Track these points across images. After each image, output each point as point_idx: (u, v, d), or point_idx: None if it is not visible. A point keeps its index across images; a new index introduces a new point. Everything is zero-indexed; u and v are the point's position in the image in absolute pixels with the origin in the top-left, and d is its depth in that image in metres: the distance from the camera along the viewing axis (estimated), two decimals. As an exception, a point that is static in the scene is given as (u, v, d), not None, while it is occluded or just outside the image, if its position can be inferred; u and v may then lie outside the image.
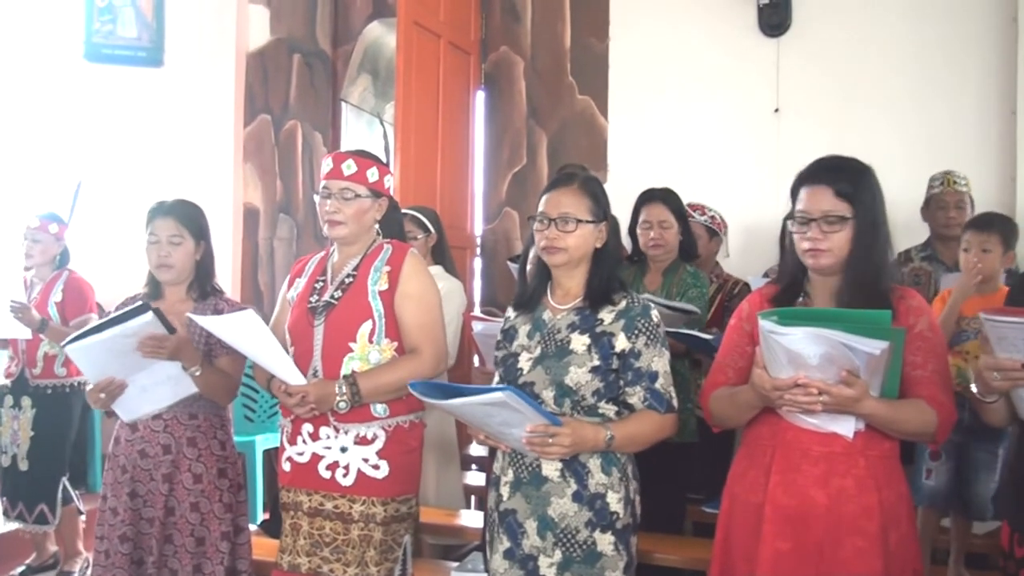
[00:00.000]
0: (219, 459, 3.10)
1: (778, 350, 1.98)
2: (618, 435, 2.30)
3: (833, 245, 2.17)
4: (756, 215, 5.07)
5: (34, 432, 4.36)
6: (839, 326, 1.91)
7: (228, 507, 3.08)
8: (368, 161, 2.74)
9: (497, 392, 2.07)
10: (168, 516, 3.03)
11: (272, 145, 6.33)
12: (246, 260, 6.29)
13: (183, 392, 2.97)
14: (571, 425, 2.23)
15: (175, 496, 3.04)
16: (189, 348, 2.91)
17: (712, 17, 5.47)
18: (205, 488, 3.05)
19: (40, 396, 4.39)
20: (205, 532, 3.04)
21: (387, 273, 2.69)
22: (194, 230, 3.11)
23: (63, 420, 4.43)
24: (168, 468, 3.03)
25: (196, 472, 3.04)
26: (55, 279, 4.48)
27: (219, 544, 3.04)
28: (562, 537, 2.33)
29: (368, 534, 2.62)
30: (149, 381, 2.95)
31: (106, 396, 2.95)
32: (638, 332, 2.36)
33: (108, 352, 2.88)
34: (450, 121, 5.62)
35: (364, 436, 2.64)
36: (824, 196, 2.18)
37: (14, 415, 4.40)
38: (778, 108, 5.30)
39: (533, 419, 2.17)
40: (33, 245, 4.46)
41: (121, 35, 6.38)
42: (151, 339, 2.82)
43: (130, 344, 2.84)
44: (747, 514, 2.25)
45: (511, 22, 6.02)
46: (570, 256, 2.41)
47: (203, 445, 3.07)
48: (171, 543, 3.04)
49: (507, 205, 6.01)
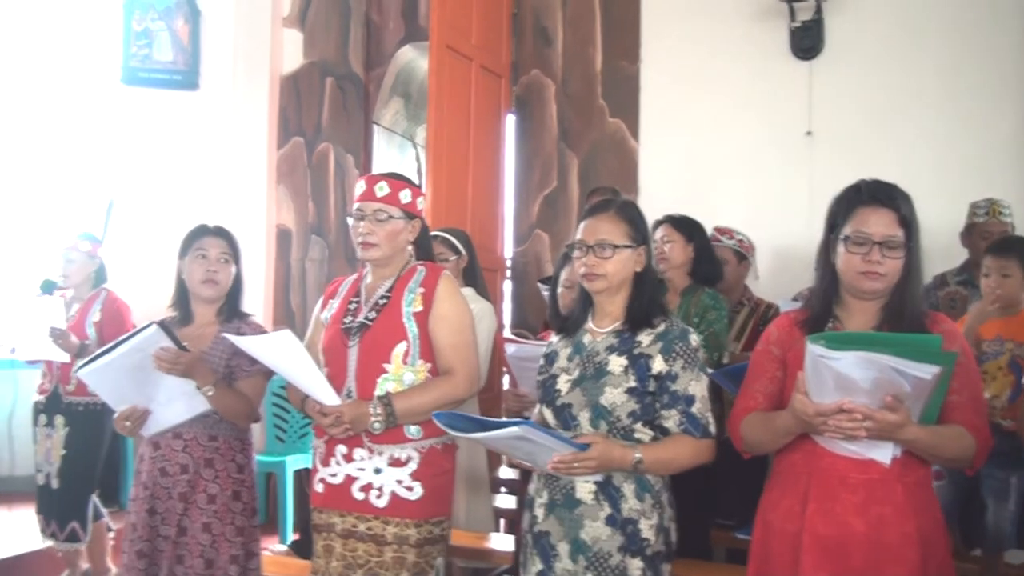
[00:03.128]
0: (235, 481, 3.11)
1: (827, 374, 1.95)
2: (647, 458, 2.28)
3: (888, 270, 2.15)
4: (786, 238, 5.03)
5: (65, 450, 4.39)
6: (889, 350, 1.88)
7: (240, 531, 3.09)
8: (401, 183, 2.76)
9: (513, 427, 2.08)
10: (180, 535, 3.05)
11: (305, 167, 6.39)
12: (279, 281, 6.34)
13: (197, 408, 2.99)
14: (599, 446, 2.22)
15: (189, 516, 3.05)
16: (203, 367, 2.94)
17: (743, 40, 5.47)
18: (218, 509, 3.06)
19: (73, 414, 4.41)
20: (214, 554, 3.05)
21: (421, 295, 2.69)
22: (235, 254, 3.19)
23: (95, 438, 4.44)
24: (184, 488, 3.05)
25: (211, 493, 3.06)
26: (92, 299, 4.52)
27: (228, 568, 3.05)
28: (594, 561, 2.31)
29: (402, 556, 2.62)
30: (164, 397, 2.98)
31: (131, 424, 2.99)
32: (676, 355, 2.35)
33: (119, 371, 2.91)
34: (481, 144, 5.65)
35: (398, 458, 2.64)
36: (887, 220, 2.16)
37: (47, 433, 4.42)
38: (810, 131, 5.28)
39: (556, 448, 2.16)
40: (68, 264, 4.51)
41: (157, 59, 6.48)
42: (167, 352, 2.85)
43: (140, 360, 2.87)
44: (783, 542, 2.22)
45: (542, 46, 6.04)
46: (609, 282, 2.41)
47: (220, 467, 3.09)
48: (181, 563, 3.05)
49: (538, 227, 6.02)
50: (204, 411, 2.99)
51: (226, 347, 2.94)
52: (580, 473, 2.25)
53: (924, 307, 2.23)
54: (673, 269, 3.81)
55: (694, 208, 4.04)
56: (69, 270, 4.52)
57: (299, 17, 6.48)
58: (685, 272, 3.83)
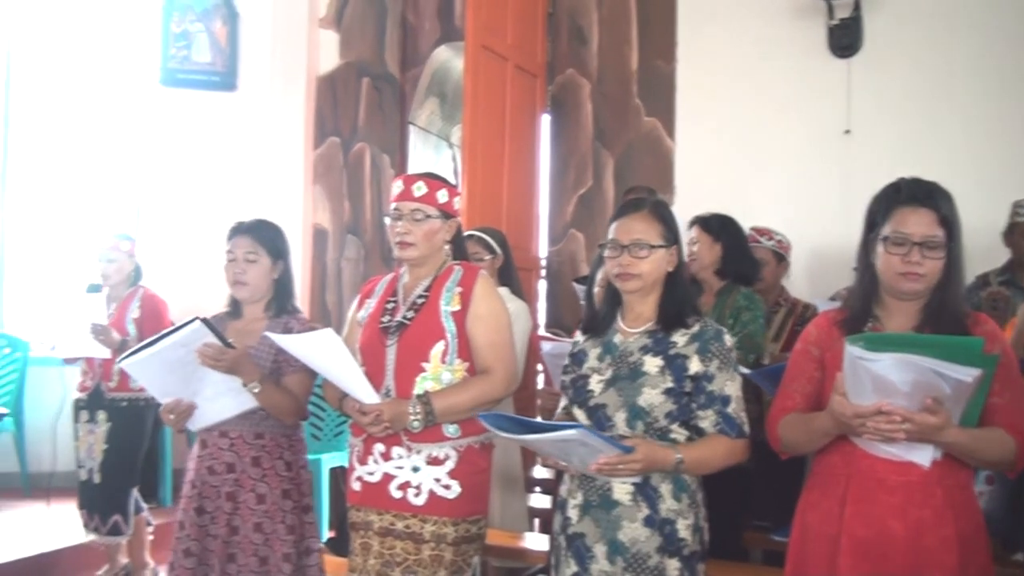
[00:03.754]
0: (283, 480, 3.09)
1: (864, 376, 1.93)
2: (688, 458, 2.28)
3: (928, 270, 2.13)
4: (824, 238, 4.99)
5: (107, 445, 4.43)
6: (929, 352, 1.86)
7: (291, 529, 3.07)
8: (438, 183, 2.77)
9: (571, 430, 2.08)
10: (231, 535, 3.05)
11: (341, 167, 6.43)
12: (315, 280, 6.39)
13: (244, 405, 2.98)
14: (642, 447, 2.22)
15: (239, 515, 3.05)
16: (248, 364, 2.93)
17: (781, 38, 5.43)
18: (268, 509, 3.05)
19: (115, 410, 4.45)
20: (268, 552, 3.04)
21: (459, 294, 2.70)
22: (271, 249, 3.15)
23: (136, 433, 4.49)
24: (231, 487, 3.06)
25: (260, 492, 3.05)
26: (130, 296, 4.57)
27: (281, 565, 3.04)
28: (632, 562, 2.30)
29: (439, 554, 2.63)
30: (210, 392, 2.98)
31: (175, 417, 3.00)
32: (712, 355, 2.35)
33: (163, 365, 2.92)
34: (516, 143, 5.65)
35: (436, 456, 2.65)
36: (927, 220, 2.13)
37: (90, 429, 4.47)
38: (849, 130, 5.23)
39: (604, 451, 2.16)
40: (108, 264, 4.56)
41: (196, 60, 6.57)
42: (211, 347, 2.86)
43: (185, 355, 2.88)
44: (821, 544, 2.20)
45: (578, 45, 6.04)
46: (644, 282, 2.41)
47: (267, 465, 3.08)
48: (234, 562, 3.05)
49: (573, 227, 6.01)
50: (251, 408, 2.99)
51: (273, 343, 2.95)
52: (624, 474, 2.25)
53: (965, 308, 2.20)
54: (703, 269, 3.78)
55: (730, 208, 4.01)
56: (109, 269, 4.57)
57: (335, 18, 6.52)
58: (714, 271, 3.80)
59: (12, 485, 5.83)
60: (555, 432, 2.11)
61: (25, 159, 6.65)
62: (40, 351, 6.34)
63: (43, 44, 6.71)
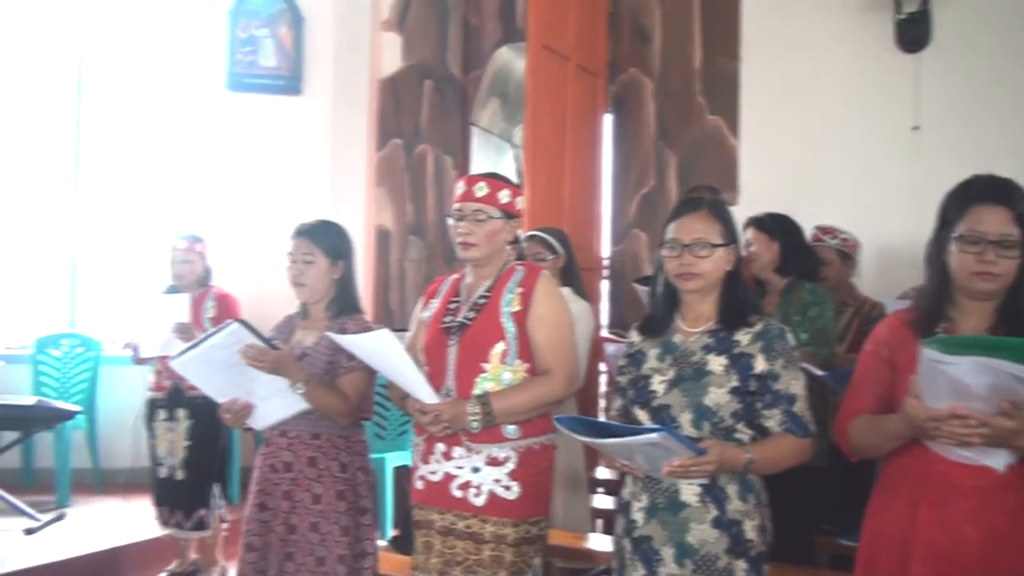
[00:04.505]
0: (338, 481, 3.10)
1: (940, 379, 1.89)
2: (757, 458, 2.26)
3: (1004, 270, 2.07)
4: (892, 236, 4.90)
5: (189, 442, 4.51)
6: (1007, 355, 1.81)
7: (346, 530, 3.07)
8: (500, 183, 2.77)
9: (653, 435, 2.06)
10: (289, 533, 3.08)
11: (403, 169, 6.48)
12: (378, 281, 6.44)
13: (297, 405, 3.00)
14: (715, 449, 2.19)
15: (296, 514, 3.08)
16: (291, 364, 2.95)
17: (847, 33, 5.34)
18: (323, 509, 3.07)
19: (195, 407, 4.49)
20: (325, 552, 3.06)
21: (520, 295, 2.70)
22: (328, 250, 3.16)
23: (217, 429, 4.51)
24: (288, 486, 3.09)
25: (315, 492, 3.07)
26: (203, 296, 4.65)
27: (336, 567, 3.05)
28: (702, 564, 2.28)
29: (499, 555, 2.63)
30: (263, 392, 3.02)
31: (232, 416, 3.04)
32: (776, 354, 2.32)
33: (209, 365, 2.96)
34: (578, 143, 5.64)
35: (496, 457, 2.66)
36: (1002, 218, 2.07)
37: (169, 427, 4.55)
38: (917, 126, 5.13)
39: (681, 453, 2.14)
40: (183, 266, 4.64)
41: (262, 65, 6.67)
42: (252, 348, 2.89)
43: (228, 356, 2.91)
44: (891, 549, 2.16)
45: (640, 44, 6.01)
46: (705, 281, 2.38)
47: (323, 466, 3.10)
48: (292, 560, 3.08)
49: (635, 227, 5.98)
50: (306, 408, 3.01)
51: (329, 343, 2.96)
52: (695, 476, 2.23)
53: None
54: (763, 269, 3.74)
55: (796, 207, 3.96)
56: (183, 270, 4.64)
57: (398, 21, 6.57)
58: (774, 270, 3.75)
59: (85, 481, 5.96)
60: (636, 436, 2.10)
61: (97, 163, 6.81)
62: (111, 350, 6.51)
63: (114, 51, 6.88)
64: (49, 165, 6.78)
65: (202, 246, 4.72)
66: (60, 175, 6.75)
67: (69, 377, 6.32)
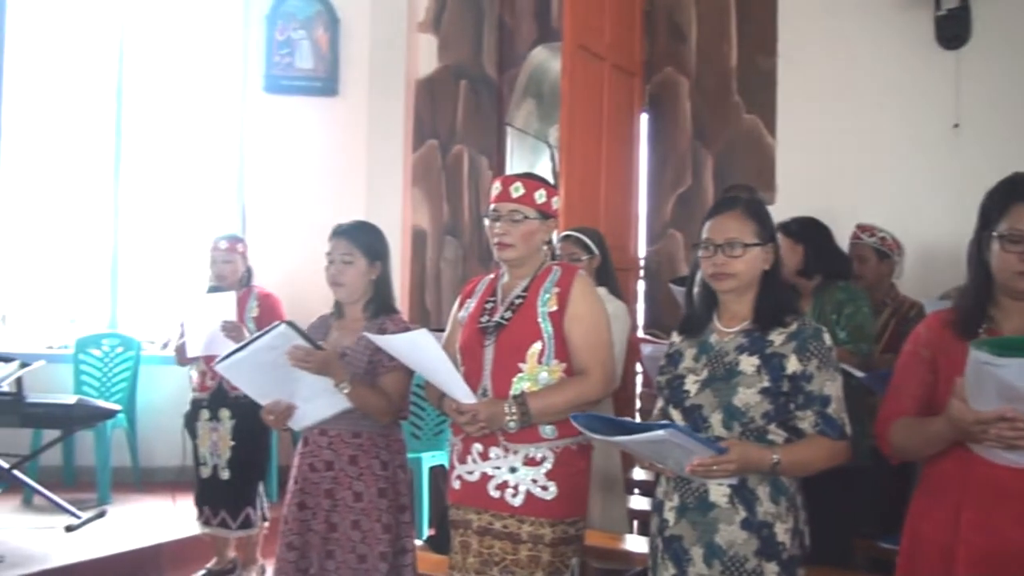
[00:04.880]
0: (379, 479, 3.13)
1: (988, 382, 1.85)
2: (785, 460, 2.23)
3: None
4: (932, 236, 4.83)
5: (234, 442, 4.55)
6: None
7: (387, 528, 3.10)
8: (536, 183, 2.77)
9: (659, 431, 2.06)
10: (330, 532, 3.11)
11: (439, 169, 6.50)
12: (414, 281, 6.47)
13: (339, 405, 3.02)
14: (736, 448, 2.18)
15: (337, 512, 3.11)
16: (336, 364, 2.98)
17: (885, 29, 5.28)
18: (365, 507, 3.10)
19: (238, 407, 4.51)
20: (367, 550, 3.08)
21: (556, 294, 2.70)
22: (367, 251, 3.19)
23: (262, 429, 4.42)
24: (329, 484, 3.12)
25: (357, 491, 3.10)
26: (245, 296, 4.68)
27: (378, 564, 3.07)
28: (730, 565, 2.27)
29: (536, 555, 2.63)
30: (307, 393, 3.04)
31: (275, 418, 3.07)
32: (810, 354, 2.29)
33: (256, 367, 2.99)
34: (614, 142, 5.62)
35: (533, 457, 2.65)
36: None
37: (212, 427, 4.58)
38: (957, 123, 5.06)
39: (698, 451, 2.14)
40: (225, 266, 4.67)
41: (299, 67, 6.71)
42: (299, 349, 2.91)
43: (275, 358, 2.93)
44: (934, 554, 2.12)
45: (676, 42, 5.98)
46: (739, 281, 2.37)
47: (364, 464, 3.13)
48: (332, 558, 3.11)
49: (671, 227, 5.96)
50: (348, 407, 3.03)
51: (369, 343, 2.98)
52: (718, 476, 2.21)
53: None
54: (790, 274, 3.71)
55: (834, 206, 3.94)
56: (225, 270, 4.68)
57: (433, 22, 6.60)
58: (797, 273, 3.72)
59: (125, 479, 6.04)
60: (645, 433, 2.09)
61: (137, 164, 6.90)
62: (151, 350, 6.59)
63: (154, 55, 6.96)
64: (90, 166, 6.87)
65: (243, 246, 4.76)
66: (100, 176, 6.84)
67: (109, 376, 6.39)
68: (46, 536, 4.87)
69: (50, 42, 6.87)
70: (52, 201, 6.92)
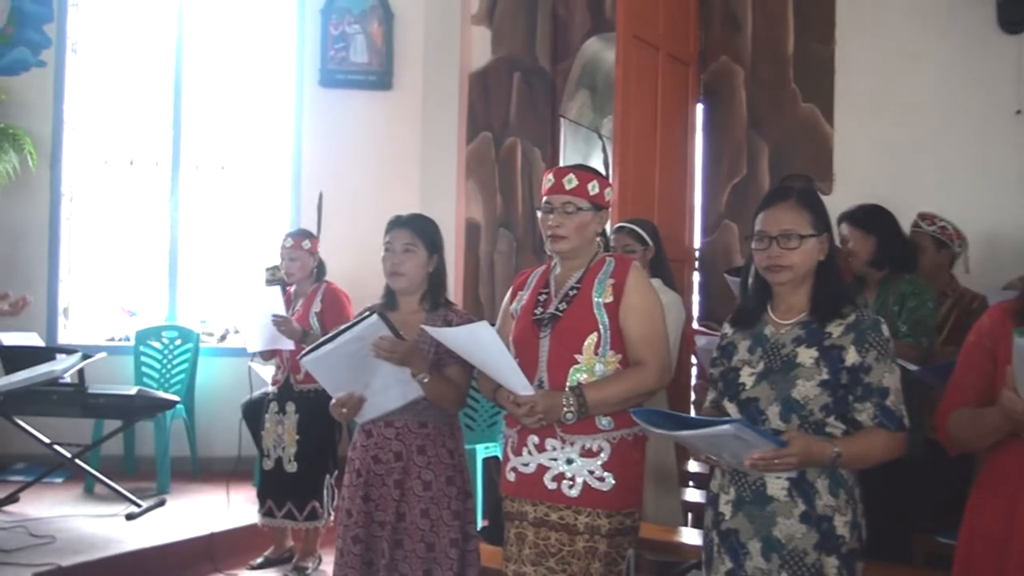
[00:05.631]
0: (448, 467, 3.16)
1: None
2: (845, 452, 2.21)
3: None
4: (996, 224, 4.74)
5: (299, 435, 4.59)
6: None
7: (456, 514, 3.14)
8: (588, 175, 2.76)
9: (725, 425, 2.04)
10: (399, 521, 3.13)
11: (493, 161, 6.50)
12: (468, 273, 6.48)
13: (411, 395, 3.04)
14: (798, 441, 2.16)
15: (406, 502, 3.13)
16: (418, 356, 2.99)
17: (946, 14, 5.18)
18: (434, 495, 3.12)
19: (304, 400, 4.58)
20: (435, 538, 3.11)
21: (611, 286, 2.69)
22: (427, 242, 3.20)
23: (328, 422, 4.39)
24: (399, 475, 3.13)
25: (426, 479, 3.13)
26: (314, 292, 4.72)
27: (448, 550, 3.10)
28: (789, 559, 2.25)
29: (593, 546, 2.63)
30: (380, 384, 3.05)
31: (347, 411, 3.08)
32: (869, 346, 2.26)
33: (340, 359, 3.00)
34: (668, 133, 5.59)
35: (589, 448, 2.65)
36: None
37: (278, 420, 4.63)
38: (1020, 110, 4.95)
39: (759, 445, 2.12)
40: (291, 263, 4.72)
41: (353, 61, 6.76)
42: (385, 340, 2.92)
43: (359, 349, 2.95)
44: (991, 548, 2.09)
45: (731, 31, 5.92)
46: (795, 273, 2.34)
47: (432, 453, 3.15)
48: (401, 548, 3.13)
49: (726, 217, 5.91)
50: (415, 398, 3.05)
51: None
52: (779, 469, 2.20)
53: None
54: (861, 265, 3.67)
55: (894, 195, 3.87)
56: (293, 267, 4.72)
57: (487, 14, 6.60)
58: (872, 264, 3.67)
59: (184, 468, 6.15)
60: (709, 428, 2.08)
61: (196, 158, 7.01)
62: (209, 342, 6.69)
63: (211, 49, 7.07)
64: (150, 160, 7.00)
65: (310, 243, 4.78)
66: (160, 170, 6.96)
67: (169, 368, 6.51)
68: (107, 524, 4.97)
69: (111, 37, 7.03)
70: (112, 195, 7.06)
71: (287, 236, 4.81)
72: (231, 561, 4.80)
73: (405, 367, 2.97)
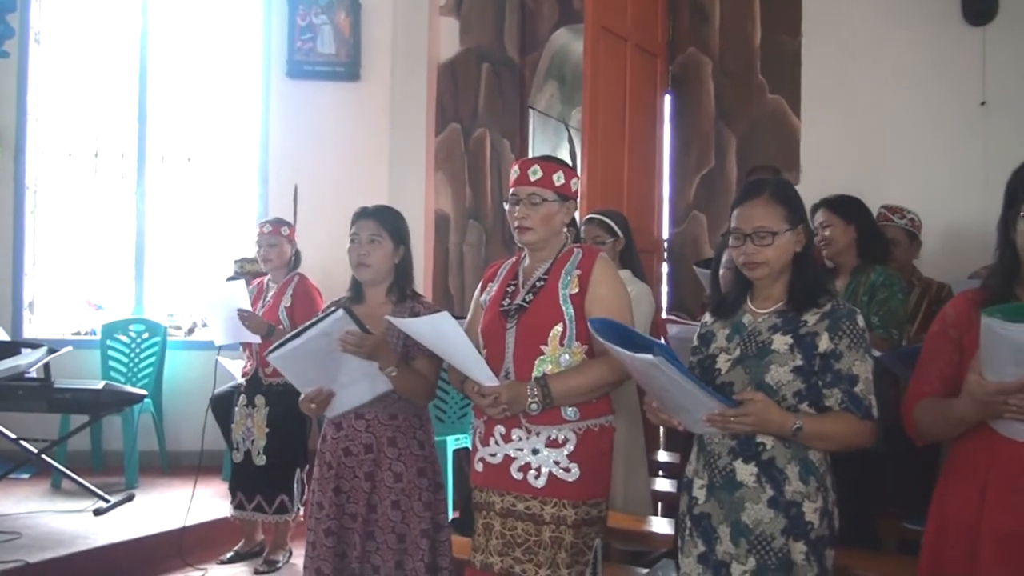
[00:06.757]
0: (418, 458, 3.17)
1: (1005, 349, 1.82)
2: (808, 428, 2.21)
3: None
4: (959, 215, 4.79)
5: (269, 428, 4.55)
6: None
7: (428, 505, 3.15)
8: (554, 165, 2.76)
9: (647, 355, 2.04)
10: (370, 513, 3.13)
11: (462, 153, 6.49)
12: (437, 265, 6.47)
13: (380, 389, 3.04)
14: (757, 403, 2.17)
15: (377, 494, 3.13)
16: (385, 349, 2.99)
17: (911, 6, 5.23)
18: (406, 487, 3.13)
19: (273, 394, 4.54)
20: (406, 529, 3.12)
21: (577, 277, 2.69)
22: (393, 233, 3.20)
23: (297, 415, 4.22)
24: (370, 467, 3.13)
25: (396, 471, 3.13)
26: (286, 284, 4.66)
27: (419, 541, 3.11)
28: (756, 544, 2.26)
29: (559, 536, 2.63)
30: (348, 379, 3.05)
31: (316, 406, 3.08)
32: (842, 334, 2.27)
33: (306, 355, 2.98)
34: (637, 124, 5.60)
35: (555, 439, 2.65)
36: None
37: (247, 413, 4.59)
38: (984, 101, 5.00)
39: (686, 386, 2.12)
40: (270, 249, 4.65)
41: (320, 52, 6.71)
42: (352, 335, 2.91)
43: (325, 344, 2.94)
44: (960, 535, 2.10)
45: (699, 23, 5.93)
46: (771, 268, 2.35)
47: (403, 445, 3.15)
48: (373, 539, 3.14)
49: (695, 208, 5.93)
50: (384, 391, 3.05)
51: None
52: (735, 430, 2.21)
53: None
54: (839, 253, 3.70)
55: (860, 186, 3.89)
56: (272, 253, 4.66)
57: (455, 5, 6.58)
58: (852, 254, 3.71)
59: (152, 463, 6.10)
60: (637, 353, 2.08)
61: (161, 150, 6.94)
62: (176, 335, 6.64)
63: (176, 40, 7.00)
64: (114, 152, 6.92)
65: (288, 229, 4.74)
66: (125, 162, 6.88)
67: (136, 362, 6.45)
68: (75, 519, 4.93)
69: (75, 26, 6.94)
70: (77, 187, 6.98)
71: (265, 223, 4.76)
72: (201, 556, 4.76)
73: (373, 361, 2.97)
